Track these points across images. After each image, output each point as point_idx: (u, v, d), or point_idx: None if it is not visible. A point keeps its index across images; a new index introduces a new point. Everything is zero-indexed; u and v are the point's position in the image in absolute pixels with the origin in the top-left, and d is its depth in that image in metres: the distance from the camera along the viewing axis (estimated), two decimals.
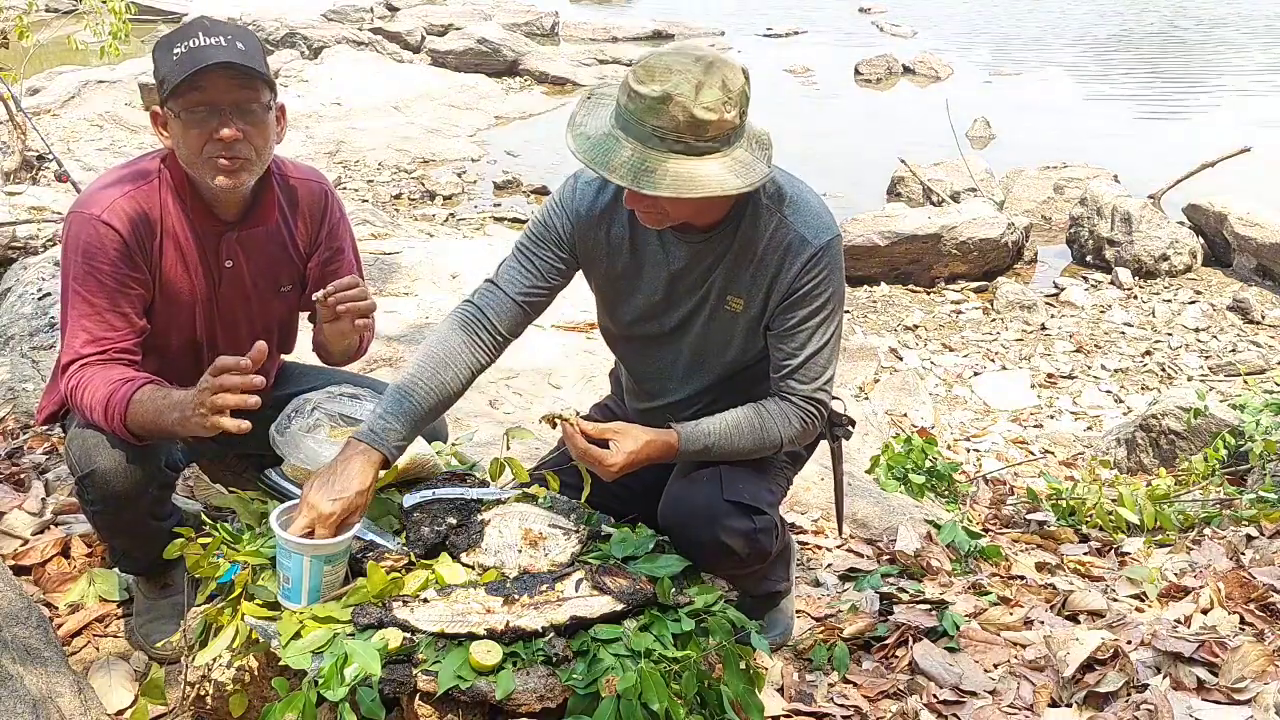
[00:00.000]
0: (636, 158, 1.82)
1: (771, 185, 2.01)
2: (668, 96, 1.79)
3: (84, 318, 2.03)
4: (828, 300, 2.01)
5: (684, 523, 2.06)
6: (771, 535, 2.09)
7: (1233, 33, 16.79)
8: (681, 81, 1.79)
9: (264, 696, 1.80)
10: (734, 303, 2.06)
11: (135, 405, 1.93)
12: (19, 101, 7.71)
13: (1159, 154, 9.68)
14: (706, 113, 1.79)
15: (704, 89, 1.79)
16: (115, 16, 7.24)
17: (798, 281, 1.99)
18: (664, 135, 1.81)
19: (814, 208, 2.02)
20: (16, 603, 2.11)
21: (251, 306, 2.25)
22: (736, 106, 1.84)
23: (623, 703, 1.66)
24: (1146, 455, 4.43)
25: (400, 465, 2.14)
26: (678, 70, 1.80)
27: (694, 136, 1.81)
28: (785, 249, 1.99)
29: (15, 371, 3.62)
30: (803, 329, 2.02)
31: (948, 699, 2.18)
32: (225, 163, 2.02)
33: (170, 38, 2.02)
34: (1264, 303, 6.81)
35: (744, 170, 1.85)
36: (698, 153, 1.82)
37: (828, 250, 1.98)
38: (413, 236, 6.40)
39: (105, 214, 2.02)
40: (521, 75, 13.14)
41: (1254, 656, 2.12)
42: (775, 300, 2.02)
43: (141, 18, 11.40)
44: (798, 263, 1.98)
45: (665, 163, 1.81)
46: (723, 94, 1.81)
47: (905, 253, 7.26)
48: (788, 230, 1.99)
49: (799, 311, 2.01)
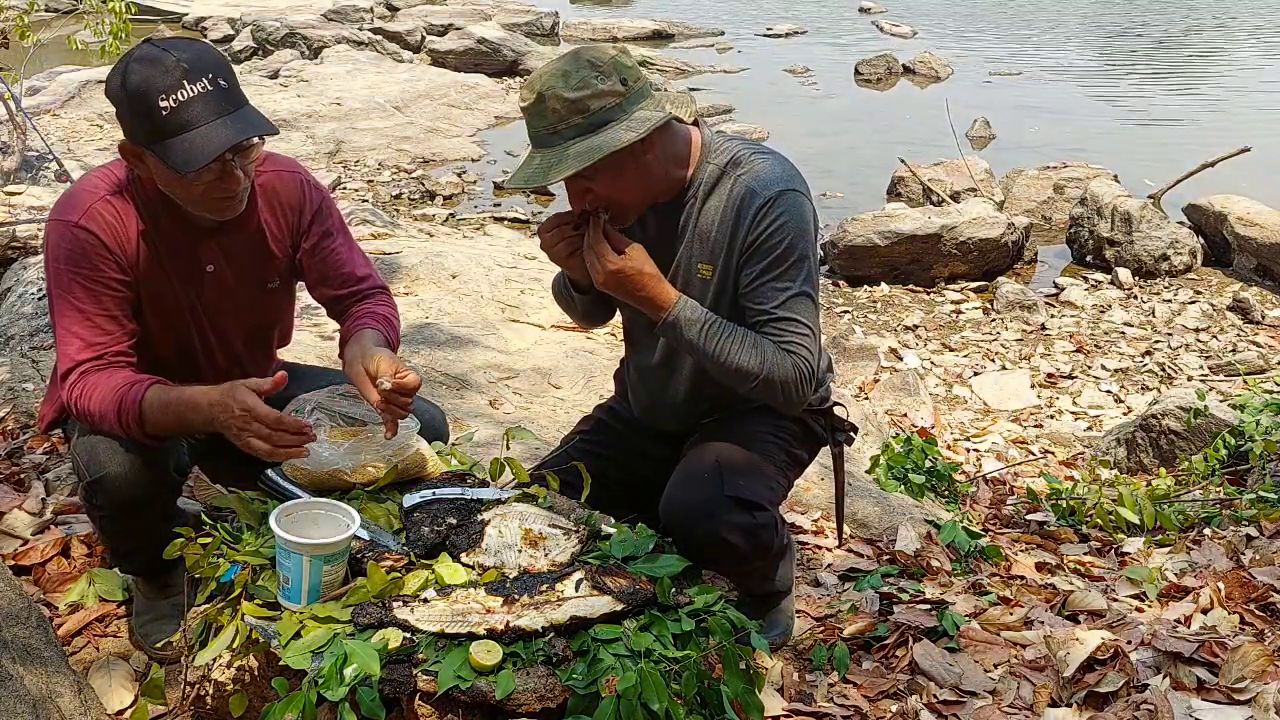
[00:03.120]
0: (543, 159, 1.97)
1: (727, 154, 2.09)
2: (541, 96, 1.94)
3: (75, 324, 2.01)
4: (787, 250, 2.02)
5: (684, 519, 2.06)
6: (772, 531, 2.09)
7: (1233, 32, 16.79)
8: (548, 78, 1.94)
9: (264, 696, 1.80)
10: (704, 269, 2.10)
11: (149, 408, 1.94)
12: (19, 101, 7.72)
13: (1159, 154, 9.68)
14: (579, 91, 1.91)
15: (570, 74, 1.92)
16: (115, 16, 7.24)
17: (750, 233, 2.03)
18: (556, 130, 1.94)
19: (769, 166, 2.06)
20: (16, 603, 2.11)
21: (240, 307, 2.23)
22: (612, 75, 1.94)
23: (623, 703, 1.66)
24: (1146, 455, 4.43)
25: (400, 465, 2.15)
26: (545, 72, 1.96)
27: (580, 117, 1.92)
28: (739, 206, 2.05)
29: (15, 371, 3.62)
30: (764, 283, 2.04)
31: (948, 699, 2.18)
32: (227, 204, 2.02)
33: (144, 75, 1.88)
34: (1264, 303, 6.81)
35: (639, 124, 1.94)
36: (592, 129, 1.93)
37: (779, 199, 2.02)
38: (413, 236, 6.40)
39: (83, 219, 2.01)
40: (521, 75, 13.11)
41: (1254, 656, 2.12)
42: (736, 259, 2.06)
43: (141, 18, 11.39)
44: (749, 214, 2.03)
45: (566, 150, 1.94)
46: (590, 70, 1.93)
47: (905, 253, 7.25)
48: (739, 187, 2.05)
49: (758, 265, 2.04)
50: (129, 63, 1.92)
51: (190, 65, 1.89)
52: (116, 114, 1.97)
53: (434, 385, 3.88)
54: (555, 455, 2.37)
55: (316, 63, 12.83)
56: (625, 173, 1.99)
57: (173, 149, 1.89)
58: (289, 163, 2.28)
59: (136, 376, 1.99)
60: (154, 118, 1.89)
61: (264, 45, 13.91)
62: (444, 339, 4.37)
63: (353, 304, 2.31)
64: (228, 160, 1.95)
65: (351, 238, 2.36)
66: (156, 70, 1.89)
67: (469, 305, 4.90)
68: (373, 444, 2.14)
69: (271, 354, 2.45)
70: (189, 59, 1.90)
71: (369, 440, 2.14)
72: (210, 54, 1.97)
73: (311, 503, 1.98)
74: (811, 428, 2.32)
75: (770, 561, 2.20)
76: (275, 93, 11.37)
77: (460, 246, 6.20)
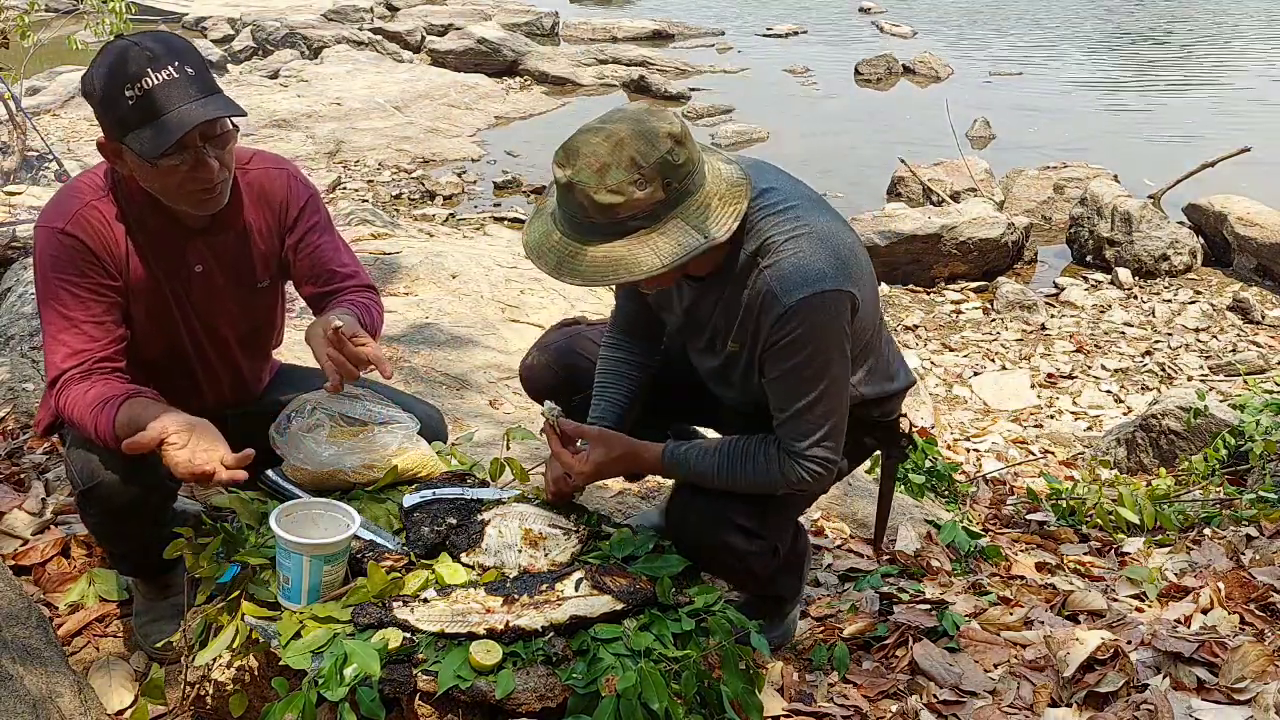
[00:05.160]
0: (561, 244, 1.81)
1: (757, 238, 1.92)
2: (570, 184, 1.76)
3: (61, 332, 2.01)
4: (807, 357, 1.91)
5: (683, 530, 2.08)
6: (766, 559, 2.09)
7: (1234, 32, 16.79)
8: (584, 167, 1.75)
9: (264, 696, 1.80)
10: (732, 345, 2.04)
11: (120, 429, 1.91)
12: (19, 101, 7.72)
13: (1159, 154, 9.69)
14: (612, 196, 1.74)
15: (609, 171, 1.74)
16: (115, 16, 7.23)
17: (772, 336, 1.92)
18: (578, 221, 1.79)
19: (795, 261, 1.89)
20: (16, 603, 2.11)
21: (230, 308, 2.23)
22: (654, 182, 1.75)
23: (623, 702, 1.67)
24: (1146, 455, 4.43)
25: (400, 465, 2.15)
26: (585, 154, 1.75)
27: (605, 219, 1.76)
28: (762, 303, 1.92)
29: (15, 371, 3.62)
30: (784, 382, 1.95)
31: (948, 699, 2.18)
32: (206, 196, 2.00)
33: (111, 68, 1.88)
34: (1264, 303, 6.81)
35: (666, 251, 1.77)
36: (616, 234, 1.77)
37: (798, 309, 1.87)
38: (413, 236, 6.40)
39: (69, 225, 2.00)
40: (521, 75, 13.14)
41: (1254, 656, 2.12)
42: (760, 350, 1.98)
43: (141, 17, 11.38)
44: (769, 318, 1.91)
45: (585, 249, 1.78)
46: (630, 173, 1.74)
47: (905, 253, 7.25)
48: (764, 284, 1.91)
49: (779, 365, 1.94)
50: (98, 58, 1.92)
51: (156, 54, 1.88)
52: (94, 114, 1.96)
53: (434, 385, 3.88)
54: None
55: (316, 63, 12.83)
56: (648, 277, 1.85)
57: (142, 137, 1.88)
58: (275, 159, 2.26)
59: (111, 392, 1.95)
60: (121, 107, 1.88)
61: (264, 45, 13.91)
62: (444, 339, 4.37)
63: (336, 299, 2.28)
64: (200, 148, 1.92)
65: (339, 235, 2.34)
66: (123, 61, 1.88)
67: (469, 305, 4.90)
68: (373, 444, 2.14)
69: (264, 354, 2.44)
70: (154, 48, 1.89)
71: (369, 440, 2.14)
72: (177, 42, 1.94)
73: (311, 503, 1.98)
74: (861, 440, 2.27)
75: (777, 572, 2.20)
76: (275, 93, 11.38)
77: (460, 246, 6.20)
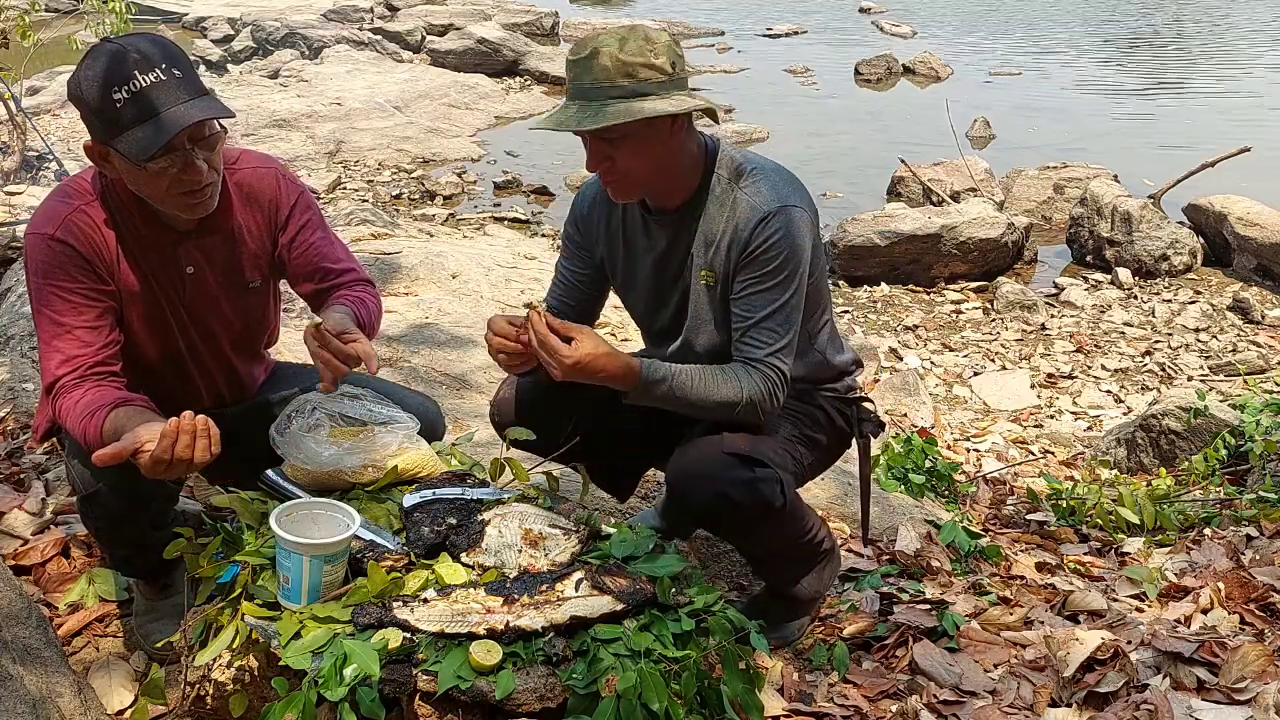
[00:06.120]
0: (580, 109, 2.00)
1: (730, 165, 2.15)
2: (595, 51, 1.98)
3: (55, 338, 2.00)
4: (780, 265, 2.08)
5: (685, 478, 2.12)
6: (773, 485, 2.10)
7: (1234, 32, 16.79)
8: (604, 37, 2.00)
9: (264, 696, 1.80)
10: (706, 275, 2.17)
11: (109, 437, 1.89)
12: (19, 101, 7.72)
13: (1159, 154, 9.68)
14: (633, 57, 1.97)
15: (627, 41, 1.99)
16: (116, 16, 7.24)
17: (748, 246, 2.08)
18: (599, 85, 1.98)
19: (770, 182, 2.12)
20: (16, 603, 2.11)
21: (223, 309, 2.22)
22: (665, 55, 2.00)
23: (623, 703, 1.66)
24: (1146, 455, 4.43)
25: (400, 465, 2.15)
26: (602, 33, 2.02)
27: (627, 80, 1.97)
28: (739, 220, 2.10)
29: (15, 371, 3.62)
30: (755, 292, 2.10)
31: (948, 699, 2.18)
32: (195, 200, 1.99)
33: (99, 71, 1.87)
34: (1264, 303, 6.81)
35: (679, 103, 2.00)
36: (635, 95, 1.98)
37: (777, 215, 2.07)
38: (413, 237, 6.40)
39: (59, 231, 1.99)
40: (521, 75, 13.14)
41: (1254, 656, 2.12)
42: (732, 268, 2.12)
43: (141, 18, 11.40)
44: (748, 229, 2.08)
45: (605, 106, 1.98)
46: (646, 43, 1.99)
47: (905, 253, 7.25)
48: (740, 202, 2.11)
49: (751, 274, 2.10)
50: (85, 61, 1.91)
51: (143, 56, 1.87)
52: (81, 117, 1.95)
53: (434, 385, 3.88)
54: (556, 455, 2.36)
55: (316, 63, 12.83)
56: (651, 148, 2.04)
57: (130, 140, 1.87)
58: (263, 158, 2.25)
59: (101, 400, 1.94)
60: (109, 110, 1.87)
61: (264, 45, 13.90)
62: (444, 339, 4.37)
63: (333, 294, 2.27)
64: (189, 150, 1.91)
65: (331, 231, 2.33)
66: (110, 64, 1.87)
67: (469, 305, 4.90)
68: (373, 444, 2.14)
69: (259, 354, 2.43)
70: (142, 51, 1.88)
71: (369, 440, 2.14)
72: (165, 45, 1.94)
73: (311, 503, 1.98)
74: (831, 416, 2.36)
75: (777, 523, 2.18)
76: (275, 93, 11.38)
77: (460, 246, 6.21)
